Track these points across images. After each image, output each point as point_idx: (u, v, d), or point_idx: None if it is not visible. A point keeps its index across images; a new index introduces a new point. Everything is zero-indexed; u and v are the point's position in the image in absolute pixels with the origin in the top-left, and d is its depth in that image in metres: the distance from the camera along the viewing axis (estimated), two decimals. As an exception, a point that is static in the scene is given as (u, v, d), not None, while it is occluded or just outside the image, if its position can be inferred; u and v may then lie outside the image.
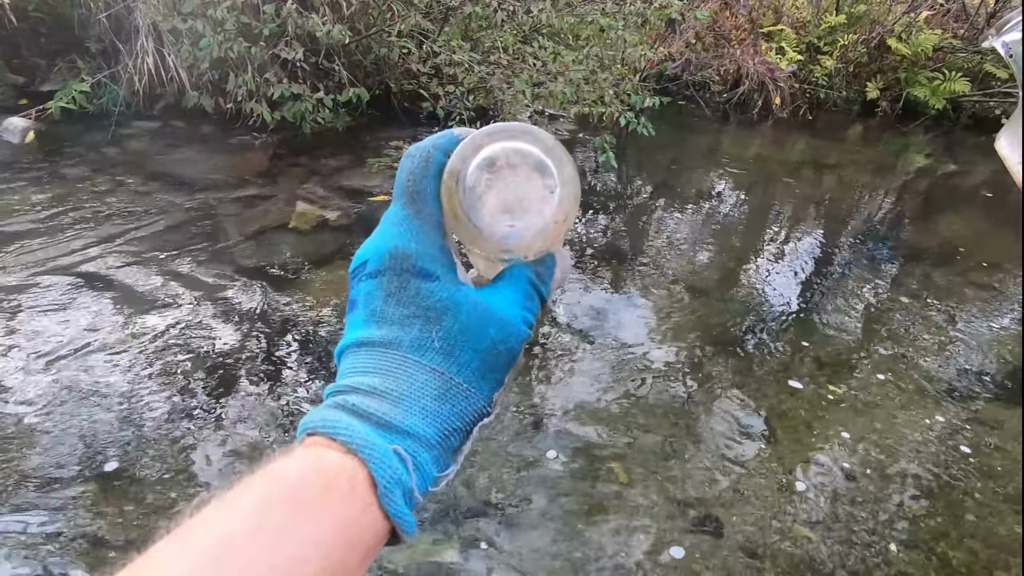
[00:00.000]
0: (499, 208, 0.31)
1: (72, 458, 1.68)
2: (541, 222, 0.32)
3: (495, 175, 0.31)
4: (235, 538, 0.23)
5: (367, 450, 0.27)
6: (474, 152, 0.31)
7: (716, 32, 6.12)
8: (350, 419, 0.29)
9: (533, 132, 0.32)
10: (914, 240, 3.69)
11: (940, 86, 6.04)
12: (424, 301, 0.31)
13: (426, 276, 0.32)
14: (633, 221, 3.55)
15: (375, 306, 0.32)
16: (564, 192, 0.32)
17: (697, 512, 1.69)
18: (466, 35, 4.31)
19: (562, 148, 0.32)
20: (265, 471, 0.27)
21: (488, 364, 0.31)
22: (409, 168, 0.33)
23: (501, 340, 0.31)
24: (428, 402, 0.30)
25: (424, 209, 0.32)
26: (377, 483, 0.27)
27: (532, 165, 0.31)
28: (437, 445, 0.30)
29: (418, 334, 0.31)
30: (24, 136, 3.55)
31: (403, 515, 0.28)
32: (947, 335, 2.70)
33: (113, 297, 2.33)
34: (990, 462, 1.98)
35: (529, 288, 0.33)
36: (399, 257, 0.32)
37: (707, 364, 2.32)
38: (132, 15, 3.79)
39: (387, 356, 0.31)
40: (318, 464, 0.27)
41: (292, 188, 3.32)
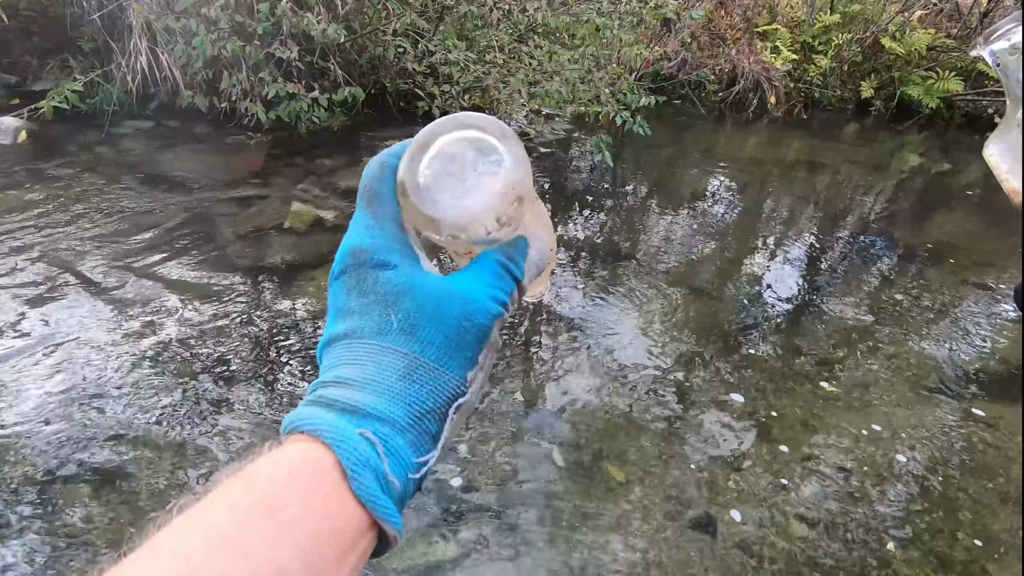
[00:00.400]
0: (450, 195, 0.32)
1: (64, 459, 1.66)
2: (489, 195, 0.32)
3: (442, 165, 0.33)
4: (210, 551, 0.23)
5: (330, 434, 0.27)
6: (420, 149, 0.33)
7: (711, 31, 6.13)
8: (318, 410, 0.29)
9: (473, 119, 0.33)
10: (908, 239, 3.70)
11: (934, 85, 6.07)
12: (381, 288, 0.32)
13: (383, 266, 0.32)
14: (629, 220, 3.55)
15: (340, 303, 0.33)
16: (508, 162, 0.33)
17: (694, 511, 1.70)
18: (461, 34, 4.30)
19: (503, 125, 0.33)
20: (238, 474, 0.26)
21: (454, 341, 0.31)
22: (367, 175, 0.35)
23: (465, 316, 0.31)
24: (393, 382, 0.30)
25: (380, 208, 0.34)
26: (344, 467, 0.27)
27: (475, 148, 0.33)
28: (410, 428, 0.29)
29: (378, 319, 0.31)
30: (16, 136, 3.52)
31: (376, 498, 0.27)
32: (941, 333, 2.71)
33: (106, 297, 2.32)
34: (985, 459, 1.99)
35: (497, 267, 0.33)
36: (357, 253, 0.33)
37: (703, 363, 2.32)
38: (125, 14, 3.76)
39: (352, 346, 0.31)
40: (285, 460, 0.27)
41: (287, 188, 3.31)
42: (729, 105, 5.95)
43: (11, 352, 2.00)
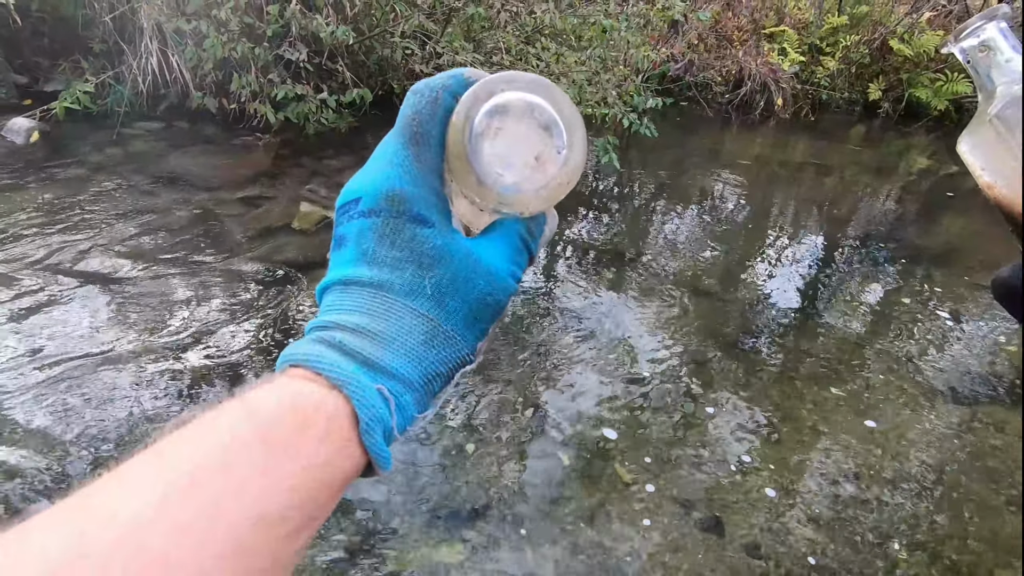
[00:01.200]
0: (504, 159, 0.30)
1: (73, 460, 1.68)
2: (544, 181, 0.31)
3: (505, 124, 0.30)
4: (205, 472, 0.23)
5: (352, 387, 0.27)
6: (487, 97, 0.30)
7: (718, 33, 6.12)
8: (336, 355, 0.29)
9: (549, 88, 0.31)
10: (916, 241, 3.69)
11: (942, 87, 6.05)
12: (419, 247, 0.31)
13: (422, 222, 0.31)
14: (635, 222, 3.55)
15: (367, 246, 0.32)
16: (571, 155, 0.31)
17: (701, 513, 1.70)
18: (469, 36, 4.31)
19: (576, 110, 0.31)
20: (243, 401, 0.26)
21: (475, 314, 0.32)
22: (416, 106, 0.32)
23: (489, 292, 0.32)
24: (414, 346, 0.30)
25: (426, 153, 0.32)
26: (360, 420, 0.27)
27: (543, 121, 0.31)
28: (420, 388, 0.30)
29: (410, 279, 0.31)
30: (28, 136, 3.56)
31: (382, 452, 0.28)
32: (950, 336, 2.70)
33: (116, 297, 2.34)
34: (993, 464, 1.99)
35: (519, 243, 0.33)
36: (396, 200, 0.31)
37: (710, 365, 2.32)
38: (136, 16, 3.79)
39: (376, 297, 0.31)
40: (297, 399, 0.27)
41: (295, 188, 3.33)
42: (736, 107, 5.94)
43: (20, 351, 2.02)
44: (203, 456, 0.24)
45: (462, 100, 0.31)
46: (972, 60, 0.43)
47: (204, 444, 0.24)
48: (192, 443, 0.24)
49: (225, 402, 0.26)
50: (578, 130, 0.31)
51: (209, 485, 0.23)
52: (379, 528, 1.57)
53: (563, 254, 3.05)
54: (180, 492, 0.22)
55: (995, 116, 0.42)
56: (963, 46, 0.43)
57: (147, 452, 0.24)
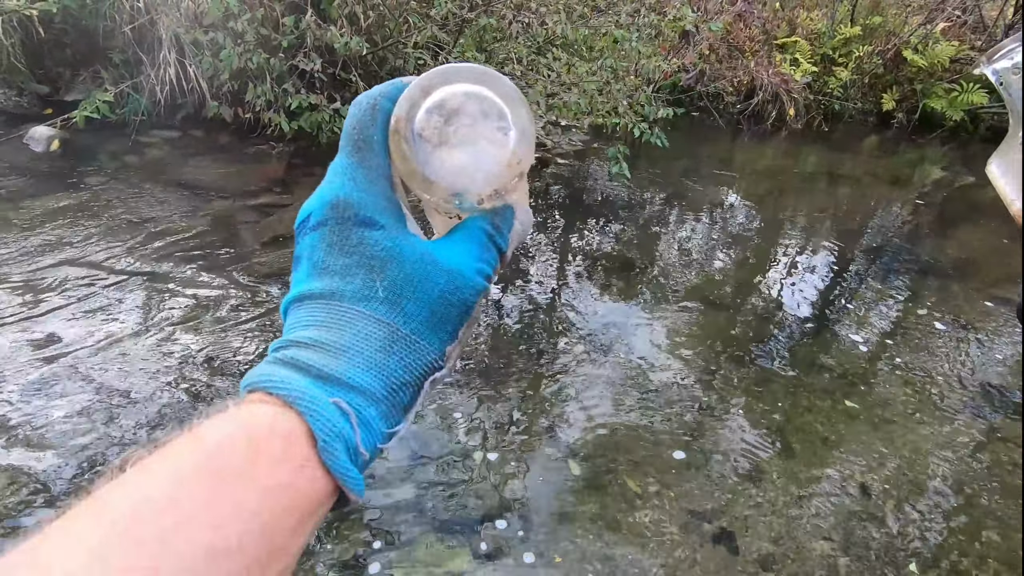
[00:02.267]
0: (448, 153, 0.30)
1: (85, 459, 1.70)
2: (493, 165, 0.30)
3: (444, 119, 0.30)
4: (150, 510, 0.22)
5: (304, 403, 0.26)
6: (422, 96, 0.30)
7: (730, 43, 6.13)
8: (288, 372, 0.27)
9: (485, 73, 0.30)
10: (931, 253, 3.65)
11: (957, 98, 6.00)
12: (368, 250, 0.30)
13: (369, 225, 0.30)
14: (646, 231, 3.55)
15: (317, 258, 0.31)
16: (517, 134, 0.30)
17: (712, 525, 1.68)
18: (481, 47, 4.35)
19: (515, 89, 0.31)
20: (191, 433, 0.25)
21: (438, 315, 0.30)
22: (356, 116, 0.31)
23: (451, 291, 0.30)
24: (372, 353, 0.28)
25: (369, 158, 0.31)
26: (316, 437, 0.25)
27: (483, 107, 0.30)
28: (384, 399, 0.28)
29: (361, 284, 0.29)
30: (49, 144, 3.63)
31: (347, 472, 0.26)
32: (966, 349, 2.66)
33: (131, 302, 2.37)
34: (1011, 479, 1.94)
35: (484, 238, 0.32)
36: (341, 206, 0.30)
37: (721, 376, 2.30)
38: (155, 27, 3.87)
39: (328, 307, 0.29)
40: (249, 423, 0.25)
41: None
42: (747, 117, 5.92)
43: (37, 354, 2.05)
44: (147, 494, 0.22)
45: (398, 102, 0.30)
46: (1005, 82, 0.43)
47: (148, 482, 0.23)
48: (135, 483, 0.23)
49: (173, 436, 0.25)
50: (520, 108, 0.30)
51: (153, 523, 0.22)
52: (387, 536, 1.56)
53: (573, 263, 3.05)
54: (124, 536, 0.21)
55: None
56: (996, 67, 0.43)
57: (88, 499, 0.23)
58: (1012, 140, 0.44)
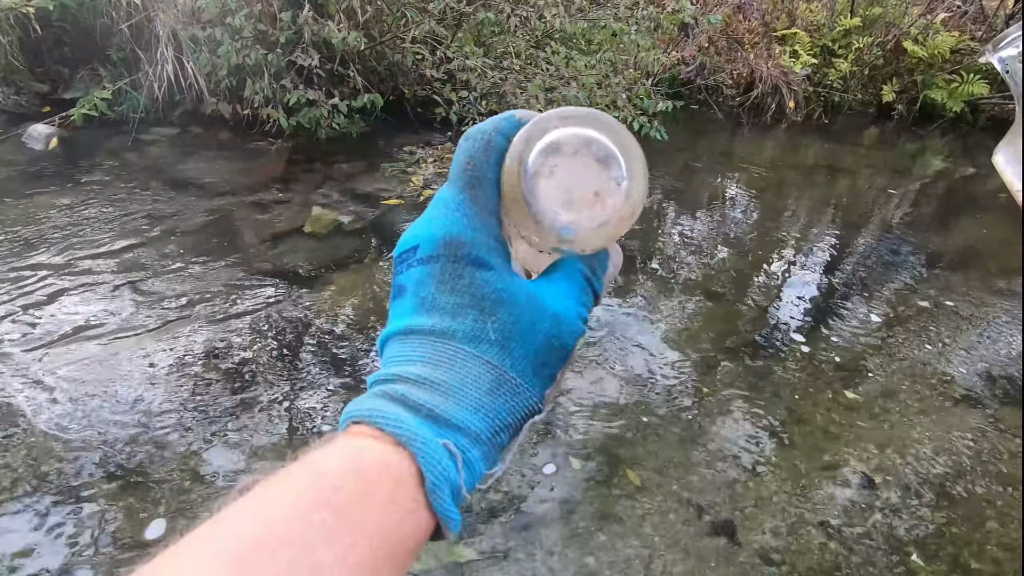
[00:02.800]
0: (561, 198, 0.29)
1: (88, 458, 1.70)
2: (604, 216, 0.30)
3: (560, 162, 0.29)
4: (268, 544, 0.22)
5: (417, 444, 0.26)
6: (540, 136, 0.30)
7: (729, 36, 6.10)
8: (398, 409, 0.27)
9: (604, 120, 0.30)
10: (932, 244, 3.64)
11: (957, 88, 5.97)
12: (479, 291, 0.30)
13: (481, 265, 0.30)
14: (645, 225, 3.54)
15: (426, 293, 0.30)
16: (632, 187, 0.30)
17: (713, 517, 1.68)
18: (479, 41, 4.33)
19: (633, 140, 0.30)
20: (305, 464, 0.25)
21: (541, 359, 0.30)
22: (469, 151, 0.31)
23: (555, 335, 0.30)
24: (480, 395, 0.29)
25: (482, 195, 0.31)
26: (426, 480, 0.26)
27: (601, 155, 0.29)
28: (487, 441, 0.29)
29: (472, 324, 0.29)
30: (48, 142, 3.63)
31: (450, 513, 0.26)
32: (966, 341, 2.66)
33: (131, 300, 2.37)
34: (1011, 469, 1.95)
35: (583, 282, 0.32)
36: (454, 244, 0.30)
37: (722, 369, 2.31)
38: (153, 24, 3.86)
39: (438, 345, 0.29)
40: (360, 461, 0.26)
41: (307, 193, 3.36)
42: (747, 110, 5.90)
43: (37, 353, 2.05)
44: (267, 526, 0.23)
45: (514, 141, 0.30)
46: (1011, 70, 0.42)
47: (268, 513, 0.23)
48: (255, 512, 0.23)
49: (289, 464, 0.25)
50: (637, 160, 0.30)
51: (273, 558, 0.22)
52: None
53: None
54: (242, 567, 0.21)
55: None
56: (1002, 56, 0.42)
57: (209, 523, 0.23)
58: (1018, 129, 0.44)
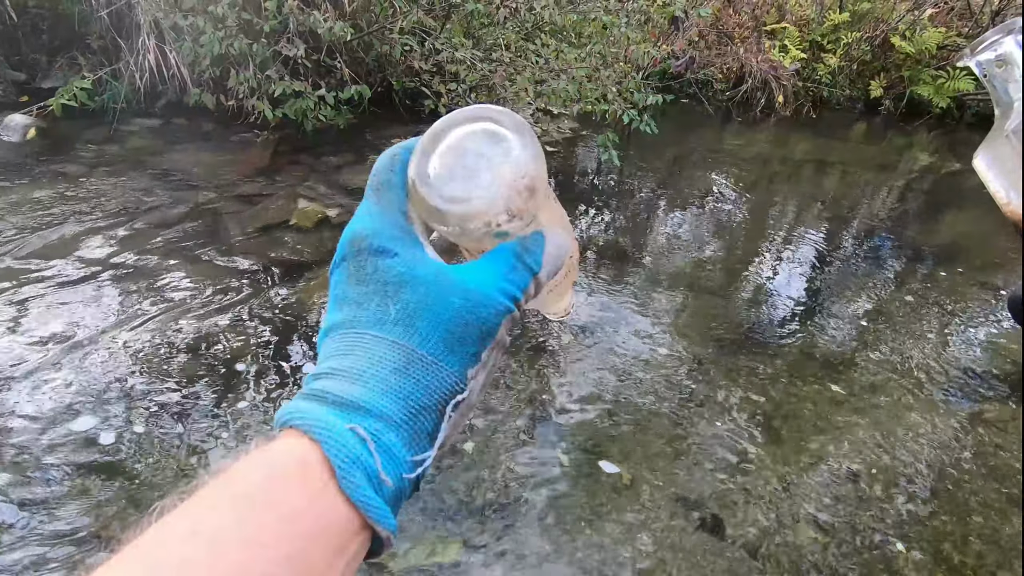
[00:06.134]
0: (460, 185, 0.31)
1: (68, 454, 1.67)
2: (499, 184, 0.31)
3: (455, 158, 0.32)
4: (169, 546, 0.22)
5: (318, 429, 0.26)
6: (432, 142, 0.32)
7: (719, 30, 6.10)
8: (308, 404, 0.28)
9: (487, 111, 0.32)
10: (918, 239, 3.67)
11: (944, 84, 6.02)
12: (382, 276, 0.31)
13: (383, 253, 0.31)
14: (635, 219, 3.54)
15: (339, 291, 0.32)
16: (518, 150, 0.31)
17: (701, 512, 1.68)
18: (468, 32, 4.29)
19: (518, 118, 0.32)
20: (220, 473, 0.25)
21: (456, 335, 0.29)
22: (377, 166, 0.34)
23: (468, 309, 0.29)
24: (387, 375, 0.28)
25: (385, 195, 0.33)
26: (332, 463, 0.25)
27: (488, 139, 0.32)
28: (404, 424, 0.28)
29: (375, 309, 0.30)
30: (25, 133, 3.54)
31: (369, 499, 0.25)
32: (952, 335, 2.69)
33: (113, 294, 2.33)
34: (995, 463, 1.97)
35: (511, 258, 0.31)
36: (357, 239, 0.32)
37: (710, 364, 2.31)
38: (133, 11, 3.77)
39: (347, 336, 0.30)
40: (266, 455, 0.26)
41: (293, 185, 3.31)
42: (737, 104, 5.91)
43: (16, 347, 2.01)
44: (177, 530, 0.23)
45: (413, 153, 0.33)
46: (989, 74, 0.42)
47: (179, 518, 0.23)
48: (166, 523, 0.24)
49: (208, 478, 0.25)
50: (520, 129, 0.32)
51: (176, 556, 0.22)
52: (376, 528, 1.55)
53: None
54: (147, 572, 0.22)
55: (1012, 132, 0.41)
56: (980, 59, 0.43)
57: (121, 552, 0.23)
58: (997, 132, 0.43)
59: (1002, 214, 0.44)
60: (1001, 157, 0.42)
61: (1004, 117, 0.42)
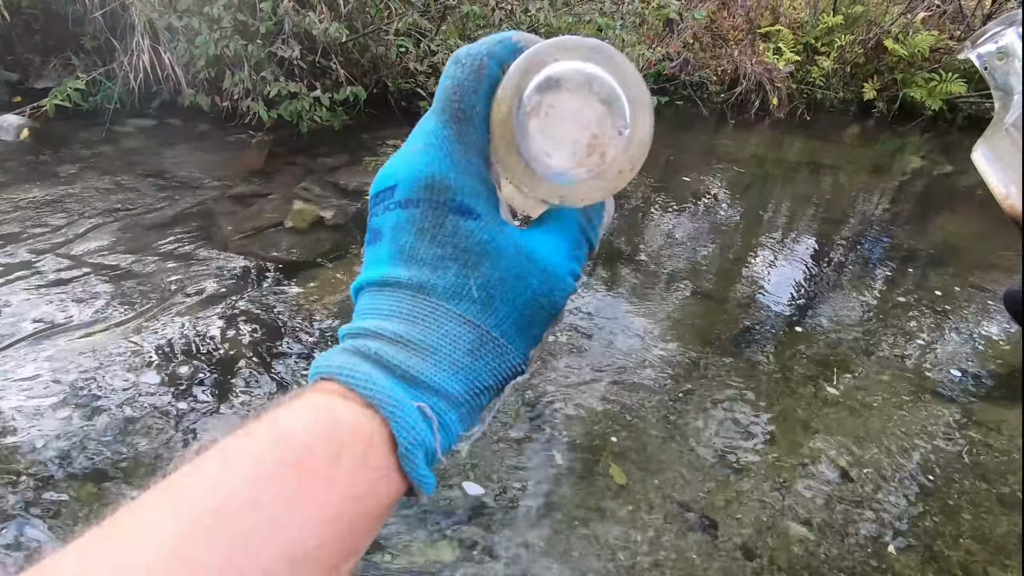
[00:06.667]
0: (556, 142, 0.26)
1: (61, 455, 1.66)
2: (602, 167, 0.27)
3: (557, 101, 0.26)
4: (230, 508, 0.21)
5: (390, 407, 0.25)
6: (537, 68, 0.26)
7: (714, 32, 6.12)
8: (371, 368, 0.26)
9: (611, 56, 0.26)
10: (910, 241, 3.70)
11: (937, 87, 6.06)
12: (463, 242, 0.27)
13: (466, 213, 0.27)
14: (630, 220, 3.55)
15: (404, 242, 0.28)
16: (634, 135, 0.27)
17: (695, 513, 1.69)
18: (464, 34, 4.30)
19: (640, 80, 0.27)
20: (271, 423, 0.24)
21: (527, 318, 0.28)
22: (457, 78, 0.27)
23: (544, 293, 0.28)
24: (460, 356, 0.27)
25: (469, 133, 0.27)
26: (399, 444, 0.25)
27: (603, 96, 0.26)
28: (465, 403, 0.27)
29: (454, 279, 0.27)
30: (18, 134, 3.53)
31: (424, 478, 0.26)
32: (944, 336, 2.71)
33: (107, 295, 2.32)
34: (986, 462, 1.99)
35: (578, 234, 0.29)
36: (437, 188, 0.27)
37: (704, 364, 2.32)
38: (128, 12, 3.76)
39: (416, 301, 0.27)
40: (330, 423, 0.24)
41: (288, 186, 3.31)
42: (731, 106, 5.94)
43: (10, 347, 2.00)
44: (228, 490, 0.21)
45: (509, 72, 0.27)
46: (989, 66, 0.42)
47: (228, 476, 0.22)
48: (215, 474, 0.22)
49: (251, 423, 0.24)
50: (643, 105, 0.27)
51: (236, 523, 0.21)
52: (370, 529, 1.55)
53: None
54: (202, 533, 0.20)
55: (1011, 125, 0.41)
56: (980, 52, 0.42)
57: (163, 485, 0.22)
58: (997, 125, 0.43)
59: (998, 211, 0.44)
60: (1000, 151, 0.42)
61: (1004, 110, 0.42)
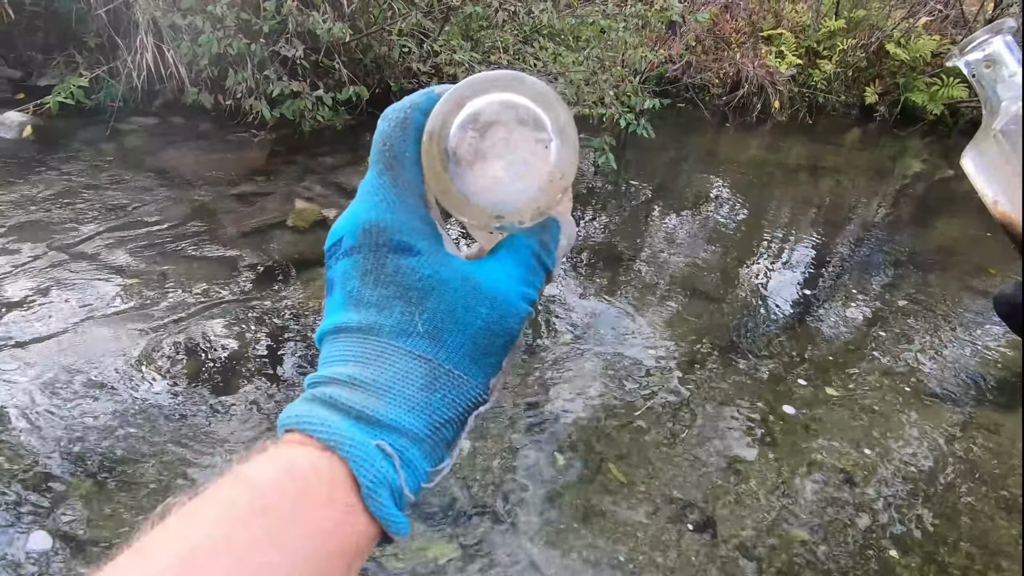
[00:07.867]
0: (487, 170, 0.28)
1: (63, 454, 1.66)
2: (536, 181, 0.28)
3: (480, 133, 0.28)
4: (198, 554, 0.21)
5: (347, 446, 0.25)
6: (455, 109, 0.28)
7: (716, 35, 6.13)
8: (327, 413, 0.26)
9: (520, 79, 0.28)
10: (911, 244, 3.70)
11: (938, 91, 6.07)
12: (405, 279, 0.28)
13: (405, 251, 0.28)
14: (632, 223, 3.55)
15: (351, 287, 0.29)
16: (559, 144, 0.28)
17: (695, 514, 1.69)
18: (467, 35, 4.30)
19: (554, 94, 0.28)
20: (235, 474, 0.24)
21: (481, 347, 0.28)
22: (385, 131, 0.30)
23: (495, 320, 0.28)
24: (414, 392, 0.27)
25: (402, 176, 0.29)
26: (360, 484, 0.25)
27: (521, 118, 0.28)
28: (427, 438, 0.27)
29: (400, 317, 0.28)
30: (21, 131, 3.53)
31: (391, 516, 0.26)
32: (944, 339, 2.71)
33: (108, 293, 2.32)
34: (986, 466, 1.99)
35: (531, 260, 0.30)
36: (375, 231, 0.29)
37: (705, 366, 2.32)
38: (131, 10, 3.77)
39: (367, 343, 0.28)
40: (290, 466, 0.25)
41: (290, 186, 3.31)
42: (733, 109, 5.94)
43: (11, 344, 2.00)
44: (201, 534, 0.22)
45: (431, 116, 0.28)
46: (977, 74, 0.42)
47: (200, 522, 0.22)
48: (181, 529, 0.22)
49: (218, 478, 0.24)
50: (561, 114, 0.28)
51: (210, 564, 0.21)
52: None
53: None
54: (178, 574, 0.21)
55: (999, 132, 0.41)
56: (968, 60, 0.43)
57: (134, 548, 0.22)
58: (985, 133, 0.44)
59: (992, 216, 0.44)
60: (989, 157, 0.42)
61: (992, 117, 0.42)
